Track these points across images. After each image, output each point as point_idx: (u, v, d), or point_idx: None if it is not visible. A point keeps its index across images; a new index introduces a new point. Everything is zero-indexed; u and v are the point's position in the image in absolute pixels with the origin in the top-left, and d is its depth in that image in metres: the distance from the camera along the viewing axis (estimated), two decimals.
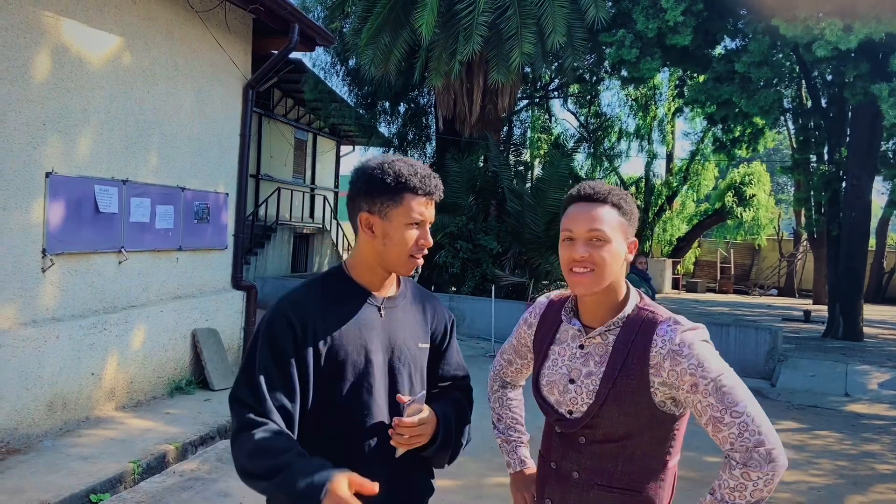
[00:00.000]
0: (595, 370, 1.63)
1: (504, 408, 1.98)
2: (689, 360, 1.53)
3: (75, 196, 5.40)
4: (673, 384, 1.55)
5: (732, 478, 1.48)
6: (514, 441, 1.95)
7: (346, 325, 1.65)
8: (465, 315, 12.12)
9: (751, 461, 1.46)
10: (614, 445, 1.60)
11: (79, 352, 5.47)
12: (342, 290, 1.70)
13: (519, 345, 1.92)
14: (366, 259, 1.70)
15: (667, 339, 1.57)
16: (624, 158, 23.96)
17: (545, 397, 1.72)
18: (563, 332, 1.75)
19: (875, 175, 13.60)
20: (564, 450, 1.67)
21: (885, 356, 11.12)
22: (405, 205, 1.63)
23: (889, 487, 5.43)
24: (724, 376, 1.52)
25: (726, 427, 1.49)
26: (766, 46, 11.51)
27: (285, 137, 17.87)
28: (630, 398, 1.57)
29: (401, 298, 1.76)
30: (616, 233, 1.62)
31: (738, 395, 1.51)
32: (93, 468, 4.61)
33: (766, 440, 1.48)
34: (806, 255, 23.87)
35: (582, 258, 1.61)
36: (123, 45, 5.85)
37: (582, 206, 1.65)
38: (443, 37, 12.37)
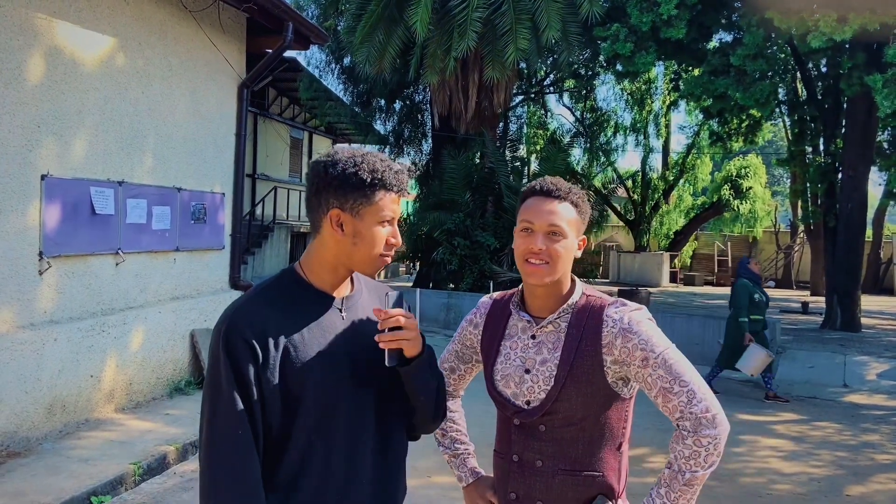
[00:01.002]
0: (549, 357, 1.69)
1: (447, 421, 1.97)
2: (639, 337, 1.63)
3: (71, 198, 5.39)
4: (624, 361, 1.64)
5: (686, 447, 1.58)
6: (461, 454, 1.96)
7: (308, 333, 1.55)
8: (463, 311, 12.12)
9: (700, 427, 1.57)
10: (574, 429, 1.66)
11: (77, 354, 5.47)
12: (300, 295, 1.60)
13: (463, 348, 1.93)
14: (328, 259, 1.60)
15: (616, 319, 1.66)
16: (620, 153, 24.06)
17: (501, 392, 1.75)
18: (511, 326, 1.79)
19: (871, 166, 13.62)
20: (525, 440, 1.70)
21: (882, 346, 11.15)
22: (378, 203, 1.55)
23: (889, 477, 5.45)
24: (670, 350, 1.63)
25: (675, 396, 1.59)
26: (761, 39, 11.51)
27: (281, 136, 17.85)
28: (586, 378, 1.64)
29: (357, 296, 1.68)
30: (571, 229, 1.71)
31: (683, 367, 1.62)
32: (93, 470, 4.61)
33: (711, 406, 1.59)
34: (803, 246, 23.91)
35: (540, 250, 1.68)
36: (117, 46, 5.83)
37: (542, 200, 1.72)
38: (437, 33, 12.36)
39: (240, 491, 1.47)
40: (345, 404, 1.58)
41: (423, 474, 4.92)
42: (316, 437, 1.55)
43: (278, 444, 1.54)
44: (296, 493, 1.54)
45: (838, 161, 13.83)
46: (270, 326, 1.52)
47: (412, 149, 17.86)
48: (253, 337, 1.50)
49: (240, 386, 1.48)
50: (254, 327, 1.51)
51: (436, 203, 13.89)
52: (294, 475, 1.54)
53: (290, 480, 1.54)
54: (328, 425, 1.56)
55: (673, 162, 25.31)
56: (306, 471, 1.54)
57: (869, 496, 5.00)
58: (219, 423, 1.49)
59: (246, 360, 1.49)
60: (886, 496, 5.00)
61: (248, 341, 1.49)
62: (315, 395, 1.54)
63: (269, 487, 1.54)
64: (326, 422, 1.56)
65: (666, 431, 5.70)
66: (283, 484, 1.54)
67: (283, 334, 1.53)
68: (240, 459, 1.47)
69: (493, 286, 11.82)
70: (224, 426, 1.49)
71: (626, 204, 25.09)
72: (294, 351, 1.53)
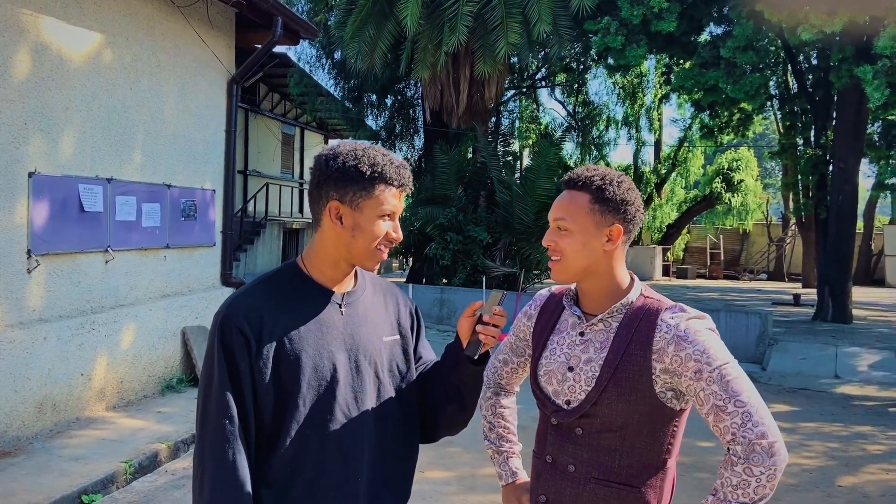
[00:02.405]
0: (595, 356, 1.59)
1: (496, 416, 1.91)
2: (695, 347, 1.50)
3: (59, 195, 5.35)
4: (676, 371, 1.51)
5: (735, 475, 1.43)
6: (505, 452, 1.89)
7: (305, 326, 1.55)
8: (456, 307, 12.13)
9: (752, 454, 1.42)
10: (612, 436, 1.56)
11: (67, 352, 5.43)
12: (299, 288, 1.59)
13: (517, 340, 1.86)
14: (329, 253, 1.59)
15: (672, 324, 1.54)
16: (613, 147, 24.03)
17: (542, 388, 1.68)
18: (563, 321, 1.72)
19: (861, 158, 13.65)
20: (560, 442, 1.62)
21: (874, 338, 11.20)
22: (378, 196, 1.54)
23: (880, 468, 5.48)
24: (728, 365, 1.49)
25: (729, 416, 1.45)
26: (751, 31, 11.51)
27: (272, 132, 17.79)
28: (630, 384, 1.54)
29: (360, 292, 1.66)
30: (584, 221, 1.60)
31: (742, 385, 1.47)
32: (84, 469, 4.59)
33: (769, 433, 1.44)
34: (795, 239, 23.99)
35: (548, 246, 1.64)
36: (104, 42, 5.78)
37: (562, 192, 1.66)
38: (428, 28, 12.33)
39: (225, 484, 1.46)
40: (340, 400, 1.57)
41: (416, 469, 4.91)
42: (310, 431, 1.53)
43: (272, 437, 1.53)
44: (290, 488, 1.53)
45: (829, 153, 13.88)
46: (267, 318, 1.52)
47: (404, 144, 17.84)
48: (248, 328, 1.50)
49: (232, 378, 1.48)
50: (249, 318, 1.51)
51: (428, 198, 13.87)
52: (289, 470, 1.53)
53: (285, 475, 1.53)
54: (322, 421, 1.55)
55: (665, 155, 25.35)
56: (300, 466, 1.53)
57: (860, 486, 5.03)
58: (210, 414, 1.49)
59: (240, 350, 1.49)
60: (878, 486, 5.03)
61: (244, 332, 1.49)
62: (308, 390, 1.53)
63: (263, 482, 1.53)
64: (321, 417, 1.54)
65: None
66: (278, 479, 1.53)
67: (280, 327, 1.53)
68: (227, 453, 1.47)
69: (485, 281, 11.81)
70: (214, 419, 1.48)
71: None
72: (290, 344, 1.53)
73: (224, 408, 1.48)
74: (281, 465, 1.53)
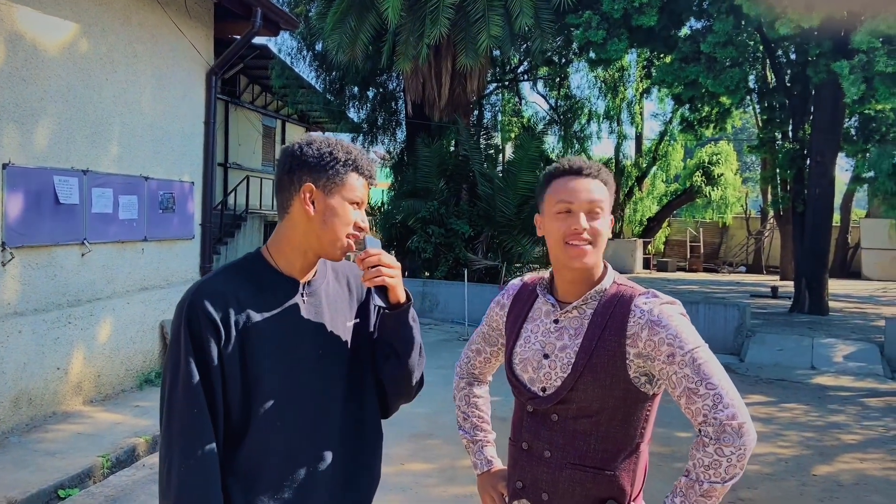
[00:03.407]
0: (570, 343, 1.62)
1: (470, 406, 1.93)
2: (668, 331, 1.53)
3: (34, 187, 5.28)
4: (649, 355, 1.54)
5: (706, 455, 1.47)
6: (479, 441, 1.91)
7: (270, 315, 1.55)
8: (438, 299, 12.14)
9: (723, 435, 1.46)
10: (587, 422, 1.59)
11: (43, 346, 5.37)
12: (263, 277, 1.59)
13: (490, 330, 1.87)
14: (297, 241, 1.59)
15: (645, 310, 1.57)
16: (594, 140, 24.17)
17: (518, 376, 1.69)
18: (536, 309, 1.74)
19: (838, 152, 13.80)
20: (536, 429, 1.64)
21: (849, 329, 11.37)
22: (350, 184, 1.58)
23: (854, 457, 5.56)
24: (700, 349, 1.53)
25: (700, 399, 1.49)
26: (731, 26, 11.59)
27: (253, 125, 17.64)
28: (605, 370, 1.56)
29: (320, 280, 1.66)
30: (608, 207, 1.66)
31: (712, 368, 1.51)
32: (61, 463, 4.54)
33: (739, 414, 1.48)
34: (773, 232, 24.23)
35: (582, 230, 1.60)
36: (80, 32, 5.70)
37: (576, 178, 1.64)
38: (409, 20, 12.27)
39: (194, 479, 1.45)
40: (306, 389, 1.57)
41: (397, 461, 4.92)
42: (277, 420, 1.53)
43: (239, 426, 1.53)
44: (259, 477, 1.53)
45: (807, 147, 14.02)
46: (233, 305, 1.52)
47: (386, 136, 17.76)
48: (215, 312, 1.49)
49: (200, 366, 1.47)
50: (216, 304, 1.51)
51: (410, 191, 13.84)
52: (256, 458, 1.53)
53: (253, 464, 1.53)
54: (289, 409, 1.55)
55: (646, 149, 25.48)
56: (268, 454, 1.53)
57: (835, 475, 5.11)
58: (176, 405, 1.48)
59: (208, 334, 1.48)
60: (852, 475, 5.11)
61: (211, 317, 1.49)
62: (275, 379, 1.53)
63: (230, 471, 1.52)
64: (287, 406, 1.55)
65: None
66: (246, 467, 1.53)
67: (245, 315, 1.53)
68: (196, 446, 1.46)
69: (467, 274, 11.82)
70: (181, 410, 1.47)
71: None
72: (256, 332, 1.53)
73: (192, 398, 1.47)
74: (248, 454, 1.52)
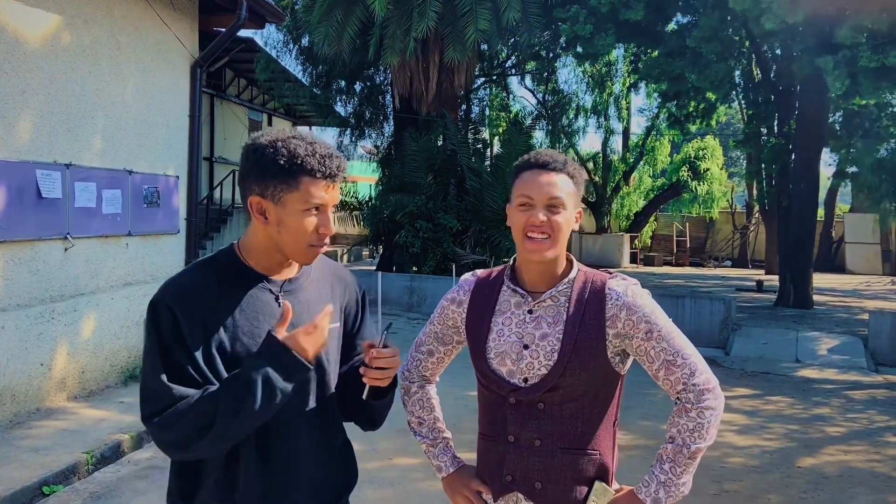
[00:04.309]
0: (550, 331, 1.64)
1: (425, 410, 1.87)
2: (643, 311, 1.64)
3: (16, 181, 5.21)
4: (627, 334, 1.64)
5: (690, 420, 1.59)
6: (440, 442, 1.87)
7: (240, 315, 1.48)
8: (426, 294, 12.12)
9: (703, 398, 1.59)
10: (573, 406, 1.63)
11: (26, 342, 5.31)
12: (233, 275, 1.52)
13: (444, 328, 1.83)
14: (261, 244, 1.53)
15: (620, 292, 1.67)
16: (582, 135, 24.11)
17: (495, 370, 1.68)
18: (503, 302, 1.73)
19: (823, 147, 13.92)
20: (523, 420, 1.64)
21: (833, 322, 11.47)
22: (302, 189, 1.44)
23: (838, 449, 5.61)
24: (671, 325, 1.67)
25: (679, 369, 1.62)
26: (716, 21, 11.64)
27: (239, 119, 17.53)
28: (589, 353, 1.62)
29: (303, 278, 1.60)
30: (570, 201, 1.67)
31: (684, 341, 1.66)
32: (45, 460, 4.50)
33: (711, 378, 1.63)
34: (758, 226, 24.39)
35: (542, 223, 1.64)
36: (62, 24, 5.62)
37: (539, 172, 1.67)
38: (396, 13, 12.22)
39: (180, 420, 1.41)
40: None
41: (385, 456, 4.91)
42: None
43: None
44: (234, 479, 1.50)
45: (792, 142, 14.11)
46: (199, 303, 1.47)
47: (373, 131, 17.68)
48: (180, 312, 1.45)
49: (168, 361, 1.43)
50: (182, 301, 1.46)
51: (398, 185, 13.81)
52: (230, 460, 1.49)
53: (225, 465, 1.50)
54: None
55: (633, 144, 25.55)
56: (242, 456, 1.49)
57: (819, 467, 5.15)
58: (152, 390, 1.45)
59: (172, 333, 1.44)
60: (836, 467, 5.16)
61: (175, 314, 1.44)
62: None
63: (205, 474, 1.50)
64: None
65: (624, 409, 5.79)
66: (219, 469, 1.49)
67: (214, 314, 1.48)
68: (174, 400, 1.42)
69: (455, 269, 11.82)
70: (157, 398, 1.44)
71: (588, 186, 25.26)
72: (223, 333, 1.47)
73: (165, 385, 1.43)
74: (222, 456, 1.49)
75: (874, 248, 22.01)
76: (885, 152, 12.62)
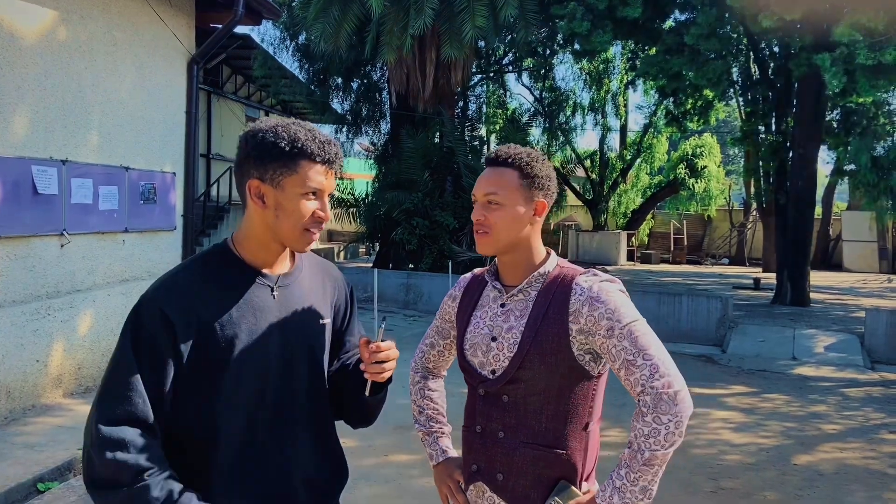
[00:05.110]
0: (515, 324, 1.66)
1: (425, 399, 1.95)
2: (606, 306, 1.59)
3: (11, 177, 5.19)
4: (590, 331, 1.59)
5: (646, 424, 1.51)
6: (434, 433, 1.92)
7: (236, 310, 1.48)
8: (422, 292, 12.12)
9: (660, 403, 1.50)
10: (536, 400, 1.63)
11: (21, 338, 5.30)
12: (228, 270, 1.52)
13: (442, 322, 1.91)
14: (257, 233, 1.52)
15: (585, 287, 1.63)
16: (579, 132, 24.16)
17: (469, 361, 1.73)
18: (485, 296, 1.78)
19: (820, 144, 13.93)
20: (489, 411, 1.68)
21: (830, 320, 11.50)
22: (301, 173, 1.46)
23: (835, 446, 5.62)
24: (637, 323, 1.58)
25: (638, 369, 1.54)
26: (714, 18, 11.64)
27: (236, 115, 17.49)
28: (550, 347, 1.61)
29: (296, 273, 1.60)
30: (514, 196, 1.66)
31: (649, 340, 1.56)
32: (40, 457, 4.49)
33: (674, 382, 1.52)
34: (756, 224, 24.43)
35: (477, 220, 1.69)
36: (58, 19, 5.60)
37: (488, 170, 1.72)
38: (393, 10, 12.20)
39: None
40: (274, 386, 1.53)
41: (380, 453, 4.91)
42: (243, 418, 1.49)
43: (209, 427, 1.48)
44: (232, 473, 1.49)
45: (789, 140, 14.13)
46: (195, 301, 1.46)
47: (370, 128, 17.66)
48: (170, 309, 1.43)
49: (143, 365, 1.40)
50: (172, 300, 1.45)
51: (394, 183, 13.79)
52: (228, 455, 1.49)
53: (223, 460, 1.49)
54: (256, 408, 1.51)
55: (630, 141, 25.55)
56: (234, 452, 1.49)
57: (816, 465, 5.16)
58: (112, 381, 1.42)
59: (159, 332, 1.42)
60: (832, 465, 5.17)
61: (164, 313, 1.42)
62: (241, 376, 1.48)
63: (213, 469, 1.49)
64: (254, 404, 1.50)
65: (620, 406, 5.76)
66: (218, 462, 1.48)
67: (209, 311, 1.47)
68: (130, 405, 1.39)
69: (452, 266, 11.81)
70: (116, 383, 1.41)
71: (585, 183, 25.31)
72: (220, 329, 1.46)
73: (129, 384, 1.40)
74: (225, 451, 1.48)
75: (871, 245, 22.05)
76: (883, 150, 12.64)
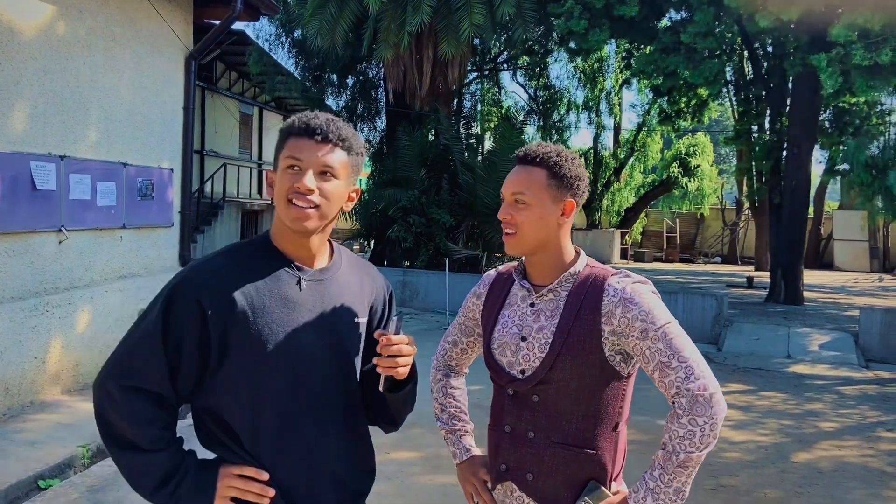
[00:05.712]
0: (546, 324, 1.65)
1: (447, 397, 1.94)
2: (640, 308, 1.58)
3: (10, 173, 5.15)
4: (623, 332, 1.58)
5: (681, 426, 1.51)
6: (458, 431, 1.91)
7: (270, 302, 1.49)
8: (419, 289, 12.12)
9: (696, 405, 1.50)
10: (567, 401, 1.62)
11: (20, 335, 5.27)
12: (262, 259, 1.54)
13: (466, 320, 1.90)
14: (277, 223, 1.56)
15: (619, 288, 1.62)
16: (573, 130, 24.29)
17: (497, 360, 1.71)
18: (512, 295, 1.76)
19: (814, 144, 13.99)
20: (518, 411, 1.67)
21: (824, 318, 11.56)
22: (286, 148, 1.51)
23: (832, 444, 5.66)
24: (671, 325, 1.58)
25: (673, 371, 1.53)
26: (711, 17, 11.67)
27: (230, 112, 17.41)
28: (582, 348, 1.60)
29: (334, 270, 1.61)
30: (542, 195, 1.65)
31: (683, 342, 1.56)
32: (40, 454, 4.47)
33: (709, 385, 1.52)
34: (748, 223, 24.54)
35: (504, 220, 1.67)
36: (57, 14, 5.56)
37: (516, 168, 1.70)
38: (391, 7, 12.18)
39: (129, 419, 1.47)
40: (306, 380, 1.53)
41: (382, 450, 4.89)
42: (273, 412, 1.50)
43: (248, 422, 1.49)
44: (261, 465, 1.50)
45: (783, 139, 14.18)
46: (225, 286, 1.47)
47: (366, 125, 17.64)
48: (205, 297, 1.45)
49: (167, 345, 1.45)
50: (208, 283, 1.47)
51: (390, 180, 13.77)
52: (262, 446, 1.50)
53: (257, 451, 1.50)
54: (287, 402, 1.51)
55: (624, 140, 25.63)
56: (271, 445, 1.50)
57: (814, 462, 5.19)
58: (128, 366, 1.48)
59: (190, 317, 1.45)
60: (830, 462, 5.20)
61: (197, 296, 1.45)
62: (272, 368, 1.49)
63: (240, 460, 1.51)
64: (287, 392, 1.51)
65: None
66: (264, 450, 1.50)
67: (240, 298, 1.47)
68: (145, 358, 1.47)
69: (448, 263, 11.81)
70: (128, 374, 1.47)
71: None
72: (253, 319, 1.47)
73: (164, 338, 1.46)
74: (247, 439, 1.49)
75: (862, 245, 22.19)
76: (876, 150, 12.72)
